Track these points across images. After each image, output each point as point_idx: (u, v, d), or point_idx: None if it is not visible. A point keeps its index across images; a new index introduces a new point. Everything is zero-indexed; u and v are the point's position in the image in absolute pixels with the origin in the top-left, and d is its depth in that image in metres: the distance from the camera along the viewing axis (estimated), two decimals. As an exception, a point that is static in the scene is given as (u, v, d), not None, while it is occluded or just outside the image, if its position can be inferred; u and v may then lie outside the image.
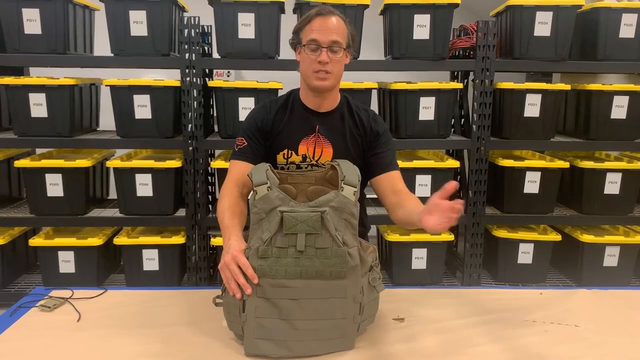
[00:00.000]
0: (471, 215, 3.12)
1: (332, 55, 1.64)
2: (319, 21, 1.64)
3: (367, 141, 1.77)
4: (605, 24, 2.99)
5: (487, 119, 3.03)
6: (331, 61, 1.64)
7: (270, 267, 1.36)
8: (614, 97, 3.01)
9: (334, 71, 1.66)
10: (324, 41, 1.63)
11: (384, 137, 1.78)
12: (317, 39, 1.63)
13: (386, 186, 1.73)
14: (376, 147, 1.77)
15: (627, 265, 3.16)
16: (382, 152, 1.77)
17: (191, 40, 2.90)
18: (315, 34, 1.63)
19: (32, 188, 2.94)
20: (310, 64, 1.66)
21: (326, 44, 1.63)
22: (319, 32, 1.63)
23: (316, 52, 1.64)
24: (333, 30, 1.63)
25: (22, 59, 2.93)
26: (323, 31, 1.63)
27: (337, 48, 1.64)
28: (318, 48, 1.63)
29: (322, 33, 1.63)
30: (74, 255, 2.97)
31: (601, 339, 1.52)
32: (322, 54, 1.63)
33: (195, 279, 3.09)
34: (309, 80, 1.70)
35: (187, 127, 2.96)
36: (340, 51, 1.65)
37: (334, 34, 1.63)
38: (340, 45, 1.65)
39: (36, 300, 1.71)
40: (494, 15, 3.26)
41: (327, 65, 1.63)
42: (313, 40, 1.63)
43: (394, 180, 1.74)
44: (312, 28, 1.64)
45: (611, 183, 3.09)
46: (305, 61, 1.67)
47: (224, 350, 1.43)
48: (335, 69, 1.66)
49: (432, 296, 1.82)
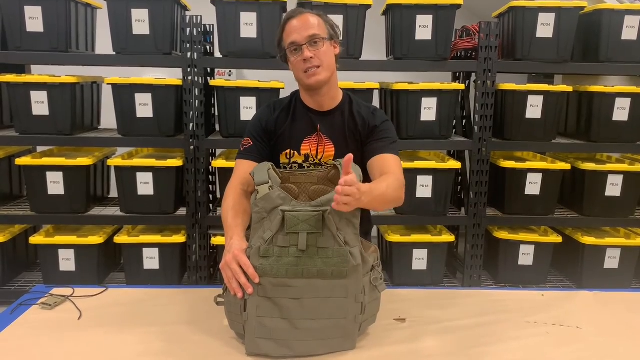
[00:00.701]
0: (472, 216, 3.12)
1: (314, 49, 1.63)
2: (292, 23, 1.65)
3: (366, 134, 1.75)
4: (608, 25, 2.98)
5: (488, 120, 3.03)
6: (316, 54, 1.63)
7: (271, 266, 1.35)
8: (616, 99, 3.01)
9: (323, 63, 1.65)
10: (301, 39, 1.63)
11: (381, 128, 1.74)
12: (294, 40, 1.64)
13: (375, 169, 1.67)
14: (373, 136, 1.74)
15: (628, 268, 3.15)
16: (378, 139, 1.72)
17: (193, 39, 2.90)
18: (292, 36, 1.64)
19: (33, 186, 2.94)
20: (298, 66, 1.66)
21: (304, 41, 1.63)
22: (294, 34, 1.64)
23: (298, 52, 1.64)
24: (308, 27, 1.64)
25: (24, 56, 2.93)
26: (298, 31, 1.63)
27: (318, 40, 1.63)
28: (298, 48, 1.63)
29: (297, 33, 1.63)
30: (74, 253, 2.96)
31: (602, 341, 1.52)
32: (304, 52, 1.62)
33: (195, 278, 3.09)
34: (302, 82, 1.70)
35: (189, 126, 2.95)
36: (321, 42, 1.64)
37: (309, 29, 1.63)
38: (319, 37, 1.64)
39: (37, 298, 1.71)
40: (496, 16, 3.26)
41: (312, 60, 1.63)
42: (292, 43, 1.64)
43: (383, 163, 1.66)
44: (288, 32, 1.65)
45: (612, 185, 3.09)
46: (294, 66, 1.67)
47: (225, 349, 1.43)
48: (324, 60, 1.65)
49: (433, 297, 1.82)
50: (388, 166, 1.65)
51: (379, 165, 1.66)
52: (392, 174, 1.60)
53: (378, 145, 1.71)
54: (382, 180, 1.55)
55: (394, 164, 1.66)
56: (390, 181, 1.55)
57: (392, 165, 1.65)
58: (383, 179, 1.56)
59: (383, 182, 1.53)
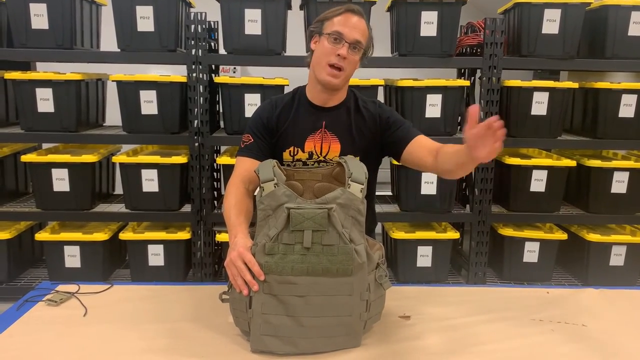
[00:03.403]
0: (477, 213, 3.11)
1: (351, 53, 1.62)
2: (348, 17, 1.63)
3: (380, 130, 1.75)
4: (614, 21, 2.97)
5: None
6: (348, 58, 1.62)
7: (276, 263, 1.35)
8: (622, 95, 2.99)
9: (347, 70, 1.64)
10: (348, 36, 1.61)
11: (393, 117, 1.76)
12: (342, 32, 1.61)
13: (419, 151, 1.69)
14: (390, 129, 1.74)
15: (634, 265, 3.14)
16: (398, 129, 1.74)
17: (197, 36, 2.89)
18: (342, 27, 1.62)
19: (39, 183, 2.95)
20: (326, 55, 1.63)
21: (350, 40, 1.61)
22: (347, 27, 1.62)
23: (337, 45, 1.62)
24: (360, 29, 1.63)
25: (29, 53, 2.94)
26: (350, 27, 1.62)
27: (358, 48, 1.63)
28: (341, 41, 1.61)
29: (349, 28, 1.62)
30: (79, 250, 2.98)
31: (608, 339, 1.52)
32: (343, 48, 1.61)
33: (200, 275, 3.10)
34: (319, 73, 1.66)
35: (193, 123, 2.96)
36: (359, 52, 1.64)
37: (359, 34, 1.62)
38: (361, 46, 1.64)
39: (42, 294, 1.71)
40: (501, 12, 3.24)
41: (344, 60, 1.62)
42: (338, 32, 1.61)
43: (421, 143, 1.68)
44: (342, 22, 1.63)
45: (618, 182, 3.07)
46: (323, 51, 1.64)
47: (230, 346, 1.43)
48: (349, 68, 1.65)
49: (438, 294, 1.81)
50: (429, 144, 1.68)
51: (421, 147, 1.68)
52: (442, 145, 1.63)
53: (403, 134, 1.72)
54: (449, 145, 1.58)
55: (429, 140, 1.70)
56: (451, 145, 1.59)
57: (429, 141, 1.69)
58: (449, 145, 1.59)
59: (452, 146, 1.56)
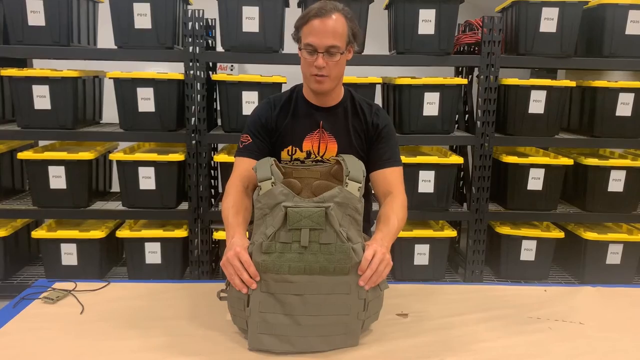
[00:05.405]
0: (474, 212, 3.11)
1: (329, 59, 1.60)
2: (316, 23, 1.58)
3: (369, 136, 1.75)
4: (612, 20, 2.97)
5: (491, 115, 3.02)
6: (328, 64, 1.60)
7: (273, 262, 1.35)
8: (620, 94, 3.00)
9: (331, 74, 1.62)
10: (319, 46, 1.58)
11: (385, 131, 1.74)
12: (312, 43, 1.58)
13: (379, 185, 1.72)
14: (376, 142, 1.74)
15: (630, 263, 3.15)
16: (381, 147, 1.73)
17: (195, 33, 2.88)
18: (312, 37, 1.58)
19: (35, 180, 2.94)
20: (307, 67, 1.63)
21: (322, 49, 1.58)
22: (315, 36, 1.58)
23: (313, 56, 1.60)
24: (330, 33, 1.58)
25: (25, 50, 2.92)
26: (320, 35, 1.58)
27: (334, 51, 1.60)
28: (314, 52, 1.60)
29: (318, 37, 1.58)
30: (76, 247, 2.97)
31: (605, 337, 1.52)
32: (318, 59, 1.59)
33: (197, 273, 3.10)
34: (307, 82, 1.70)
35: (191, 121, 2.95)
36: (337, 54, 1.60)
37: (330, 38, 1.58)
38: (338, 49, 1.60)
39: (39, 292, 1.71)
40: (499, 10, 3.24)
41: (323, 69, 1.60)
42: (309, 45, 1.59)
43: (386, 179, 1.71)
44: (310, 31, 1.59)
45: (615, 180, 3.08)
46: (303, 62, 1.65)
47: (228, 344, 1.43)
48: (333, 71, 1.62)
49: (435, 292, 1.82)
50: (392, 184, 1.70)
51: (383, 183, 1.71)
52: (397, 198, 1.65)
53: (383, 156, 1.73)
54: (390, 215, 1.58)
55: (397, 180, 1.71)
56: (397, 210, 1.60)
57: (395, 183, 1.70)
58: (390, 212, 1.59)
59: (392, 218, 1.57)
